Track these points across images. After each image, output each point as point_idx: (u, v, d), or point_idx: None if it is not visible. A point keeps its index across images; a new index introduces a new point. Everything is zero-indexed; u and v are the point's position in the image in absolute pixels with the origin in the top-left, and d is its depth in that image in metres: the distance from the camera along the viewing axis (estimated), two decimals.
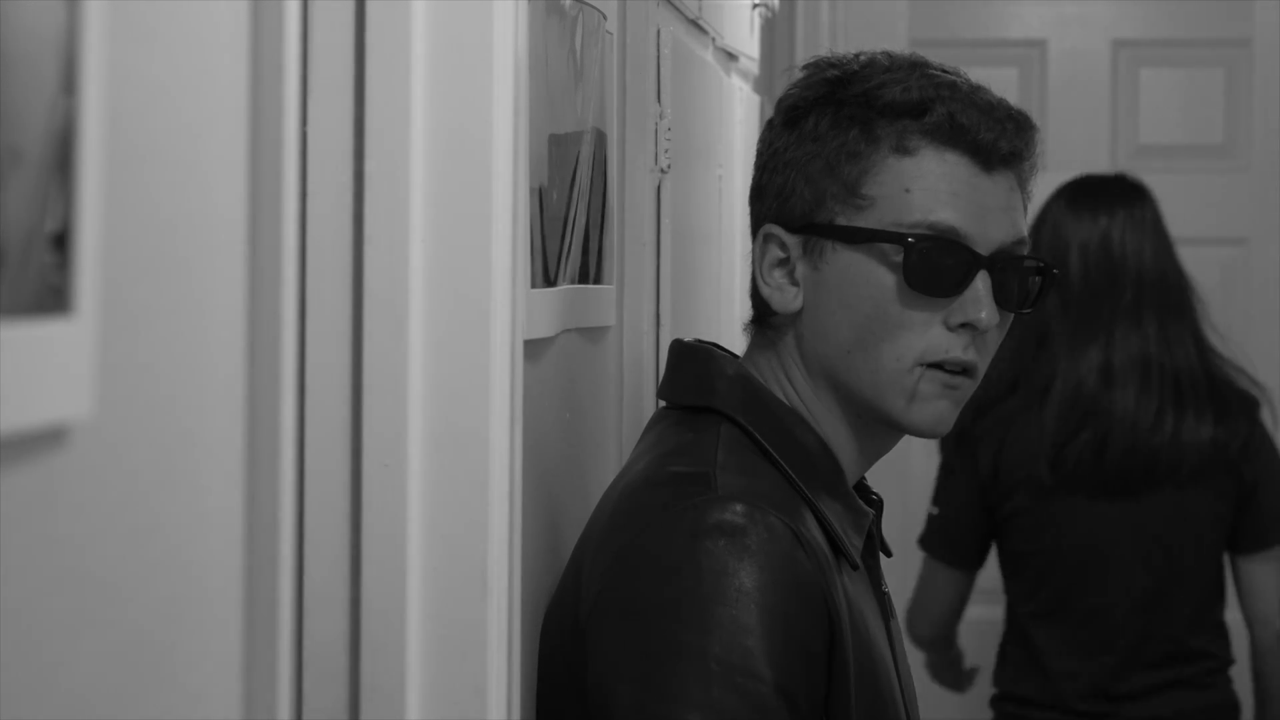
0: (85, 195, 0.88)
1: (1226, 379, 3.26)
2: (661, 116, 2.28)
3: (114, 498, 0.97)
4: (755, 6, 3.21)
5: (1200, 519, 3.29)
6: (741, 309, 3.03)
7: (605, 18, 2.01)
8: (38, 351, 0.84)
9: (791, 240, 1.68)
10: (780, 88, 3.97)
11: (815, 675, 1.56)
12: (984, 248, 1.65)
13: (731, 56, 3.00)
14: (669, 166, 2.29)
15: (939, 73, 1.69)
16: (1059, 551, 3.27)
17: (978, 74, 1.75)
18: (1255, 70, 4.38)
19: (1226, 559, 3.36)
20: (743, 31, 3.10)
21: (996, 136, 1.66)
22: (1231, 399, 3.27)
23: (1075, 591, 3.28)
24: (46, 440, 0.89)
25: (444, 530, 1.52)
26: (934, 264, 1.63)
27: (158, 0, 1.01)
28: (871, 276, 1.65)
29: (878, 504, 1.78)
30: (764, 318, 1.73)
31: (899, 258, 1.63)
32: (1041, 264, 1.70)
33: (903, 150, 1.65)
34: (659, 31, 2.26)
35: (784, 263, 1.69)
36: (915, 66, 1.69)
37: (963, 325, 1.64)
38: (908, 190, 1.65)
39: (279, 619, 1.16)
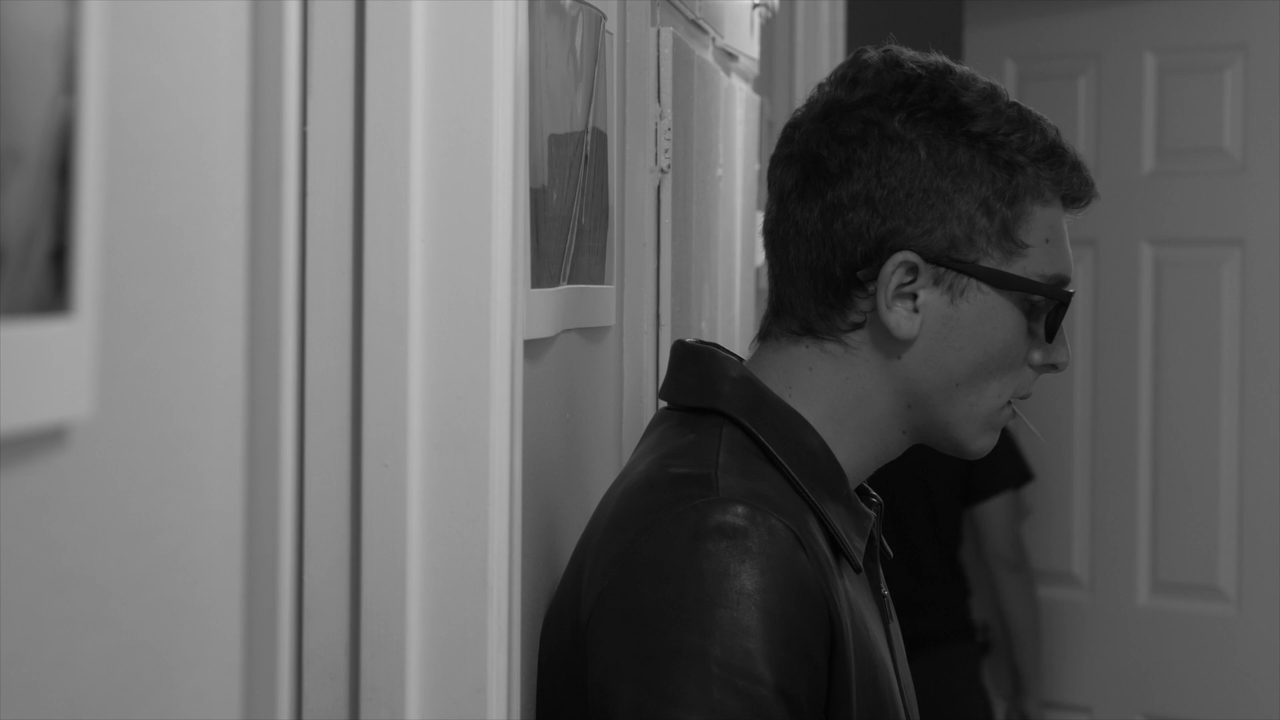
0: (85, 195, 0.88)
1: None
2: (661, 116, 2.28)
3: (114, 498, 0.97)
4: (755, 6, 3.20)
5: (929, 474, 4.20)
6: (742, 309, 3.03)
7: (605, 18, 2.01)
8: (38, 351, 0.84)
9: (926, 269, 1.65)
10: (781, 86, 3.95)
11: (816, 678, 1.56)
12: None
13: (731, 56, 2.99)
14: (669, 166, 2.29)
15: (1028, 108, 1.70)
16: None
17: None
18: (1255, 72, 4.38)
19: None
20: (743, 31, 3.10)
21: (1091, 189, 1.70)
22: None
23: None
24: (46, 440, 0.89)
25: (444, 530, 1.52)
26: (1061, 315, 1.67)
27: (158, 0, 1.01)
28: (1009, 321, 1.66)
29: (877, 507, 1.78)
30: (832, 331, 1.68)
31: (1042, 308, 1.67)
32: None
33: (1040, 198, 1.67)
34: (659, 31, 2.26)
35: (906, 286, 1.65)
36: (996, 94, 1.67)
37: (1048, 366, 1.69)
38: (1047, 241, 1.67)
39: (279, 619, 1.16)
